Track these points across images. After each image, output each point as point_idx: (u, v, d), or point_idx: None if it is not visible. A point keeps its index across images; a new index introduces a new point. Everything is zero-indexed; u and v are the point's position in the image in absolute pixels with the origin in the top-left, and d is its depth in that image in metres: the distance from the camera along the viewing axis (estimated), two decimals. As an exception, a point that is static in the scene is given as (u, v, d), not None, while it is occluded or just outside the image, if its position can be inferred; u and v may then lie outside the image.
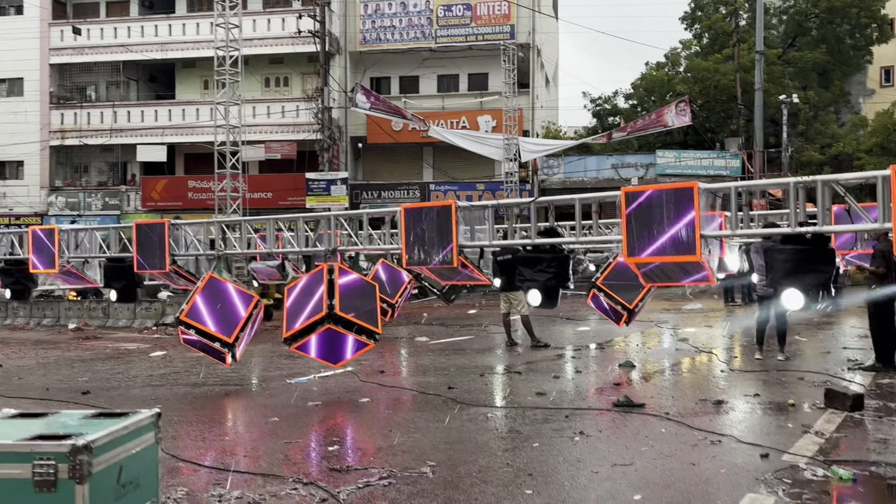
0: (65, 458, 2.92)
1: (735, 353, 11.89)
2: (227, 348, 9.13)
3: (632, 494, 5.08)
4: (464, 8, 31.84)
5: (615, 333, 13.84)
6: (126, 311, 19.41)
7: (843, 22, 38.52)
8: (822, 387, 8.23)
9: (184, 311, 9.14)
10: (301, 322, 8.30)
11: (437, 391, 8.77)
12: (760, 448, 6.02)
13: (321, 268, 8.48)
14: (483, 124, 31.47)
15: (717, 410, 7.58)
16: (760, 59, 27.74)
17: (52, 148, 33.95)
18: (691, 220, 6.52)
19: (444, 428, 7.02)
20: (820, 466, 5.55)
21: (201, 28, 31.99)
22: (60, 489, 2.92)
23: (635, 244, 6.77)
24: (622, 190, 6.82)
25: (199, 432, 7.21)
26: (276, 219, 9.17)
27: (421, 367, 11.23)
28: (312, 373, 10.14)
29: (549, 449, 6.24)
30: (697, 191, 6.48)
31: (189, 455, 6.31)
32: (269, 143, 31.06)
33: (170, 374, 10.85)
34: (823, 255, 6.14)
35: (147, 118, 33.16)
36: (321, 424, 7.49)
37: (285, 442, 6.69)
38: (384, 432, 6.96)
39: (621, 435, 6.71)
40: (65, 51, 33.60)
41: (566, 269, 7.51)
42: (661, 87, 37.39)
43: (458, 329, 16.18)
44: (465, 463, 5.87)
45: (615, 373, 10.05)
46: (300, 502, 5.06)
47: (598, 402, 8.14)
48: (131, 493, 3.24)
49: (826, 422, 6.95)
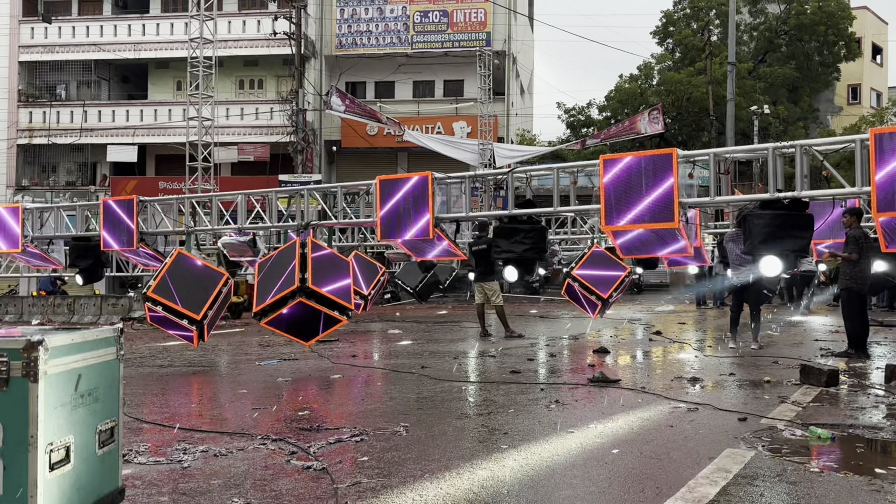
0: (18, 355, 2.74)
1: (708, 343, 11.88)
2: (195, 326, 8.91)
3: (609, 448, 4.97)
4: (440, 14, 31.92)
5: (589, 328, 13.79)
6: (92, 307, 19.00)
7: (811, 39, 39.30)
8: (797, 368, 8.20)
9: (151, 286, 8.90)
10: (272, 295, 8.10)
11: (410, 370, 8.61)
12: (738, 414, 5.96)
13: (294, 242, 8.31)
14: (458, 130, 31.48)
15: (692, 385, 7.51)
16: (732, 69, 28.10)
17: (20, 146, 33.30)
18: (670, 186, 6.48)
19: (418, 398, 6.87)
20: (798, 427, 5.50)
21: (175, 28, 31.70)
22: (13, 387, 2.73)
23: (613, 211, 6.72)
24: (601, 158, 6.77)
25: (164, 402, 6.98)
26: (247, 193, 8.98)
27: (394, 352, 11.06)
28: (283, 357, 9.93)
29: (525, 414, 6.12)
30: (676, 157, 6.45)
31: (154, 419, 6.10)
32: (242, 144, 30.78)
33: (135, 358, 10.57)
34: (802, 220, 6.13)
35: (118, 118, 32.69)
36: (291, 395, 7.29)
37: (253, 408, 6.50)
38: (356, 401, 6.80)
39: (597, 404, 6.60)
40: (35, 48, 33.07)
41: (543, 241, 7.43)
42: (635, 99, 37.76)
43: (431, 325, 16.02)
44: (439, 424, 5.73)
45: (589, 357, 9.96)
46: (268, 456, 4.87)
47: (573, 380, 8.03)
48: (90, 406, 3.05)
49: (802, 394, 6.91)
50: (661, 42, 42.01)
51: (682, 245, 6.89)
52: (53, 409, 2.82)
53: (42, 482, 2.73)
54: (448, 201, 8.19)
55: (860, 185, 5.70)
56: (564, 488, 4.17)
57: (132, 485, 4.16)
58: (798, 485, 4.15)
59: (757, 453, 4.80)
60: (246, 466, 4.61)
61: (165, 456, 4.86)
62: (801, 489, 4.07)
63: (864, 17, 43.27)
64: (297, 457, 4.79)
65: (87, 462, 3.03)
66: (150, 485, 4.25)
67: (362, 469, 4.50)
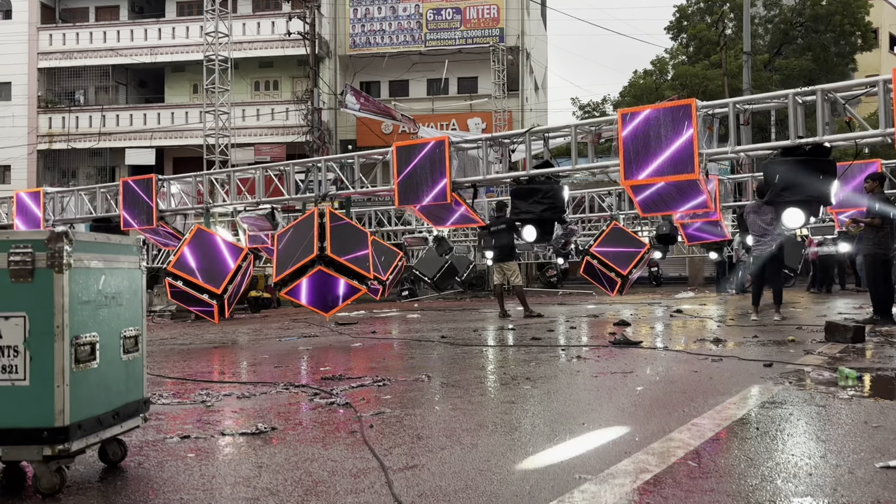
0: (42, 246, 2.74)
1: (730, 317, 11.76)
2: (215, 300, 8.94)
3: (634, 387, 4.93)
4: (453, 11, 31.98)
5: (608, 308, 13.71)
6: (112, 303, 19.14)
7: (827, 30, 38.97)
8: (822, 331, 8.10)
9: (171, 262, 8.96)
10: (292, 264, 8.12)
11: (430, 340, 8.59)
12: (764, 361, 5.88)
13: (312, 212, 8.33)
14: (473, 126, 31.47)
15: (716, 345, 7.43)
16: (748, 60, 27.91)
17: (40, 152, 33.67)
18: (689, 137, 6.43)
19: (439, 357, 6.85)
20: (826, 370, 5.42)
21: (191, 32, 31.96)
22: (38, 278, 2.74)
23: (632, 165, 6.67)
24: (618, 112, 6.73)
25: (187, 365, 7.01)
26: (265, 166, 9.00)
27: (414, 329, 11.05)
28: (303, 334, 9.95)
29: (548, 365, 6.08)
30: (695, 107, 6.40)
31: (176, 375, 6.12)
32: (258, 145, 30.95)
33: (156, 339, 10.62)
34: (823, 165, 6.05)
35: (136, 122, 32.98)
36: (312, 357, 7.29)
37: (275, 366, 6.51)
38: (377, 360, 6.78)
39: (620, 358, 6.54)
40: (53, 55, 33.45)
41: (561, 201, 7.39)
42: (650, 93, 37.59)
43: (451, 312, 15.99)
44: (461, 374, 5.70)
45: (610, 328, 9.88)
46: (291, 397, 4.87)
47: (595, 343, 7.97)
48: (114, 308, 3.06)
49: (829, 348, 6.81)
50: (674, 37, 41.83)
51: (702, 199, 6.83)
52: (78, 304, 2.82)
53: (68, 373, 2.73)
54: (464, 165, 8.17)
55: (883, 126, 5.62)
56: (590, 412, 4.13)
57: (156, 418, 4.17)
58: (827, 407, 4.08)
59: (784, 387, 4.74)
60: (269, 404, 4.61)
61: (189, 399, 4.88)
62: (830, 410, 4.00)
63: (881, 6, 42.92)
64: (321, 396, 4.78)
65: (112, 365, 3.03)
66: (174, 418, 4.26)
67: (385, 404, 4.48)
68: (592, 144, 7.27)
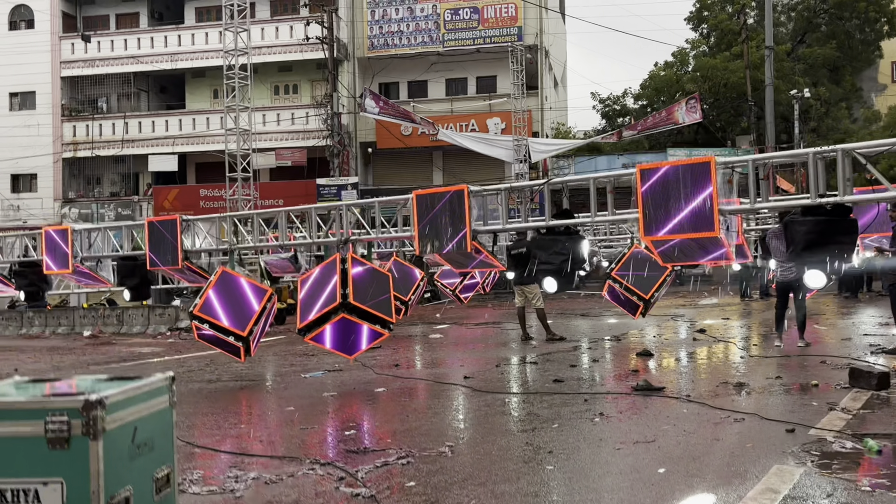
0: (78, 414, 2.85)
1: (753, 341, 11.73)
2: (241, 342, 9.08)
3: (656, 468, 4.97)
4: (471, 11, 31.87)
5: (631, 326, 13.71)
6: (140, 318, 19.45)
7: (851, 17, 38.34)
8: (845, 369, 8.07)
9: (197, 305, 9.10)
10: (315, 312, 8.23)
11: (453, 381, 8.67)
12: (786, 424, 5.89)
13: (334, 258, 8.42)
14: (492, 126, 31.44)
15: (738, 392, 7.44)
16: (770, 54, 27.59)
17: (65, 160, 34.17)
18: (709, 195, 6.42)
19: (462, 412, 6.93)
20: (848, 439, 5.42)
21: (210, 37, 32.18)
22: (74, 446, 2.85)
23: (652, 222, 6.67)
24: (637, 167, 6.73)
25: (214, 422, 7.14)
26: (287, 210, 9.12)
27: (436, 360, 11.14)
28: (327, 368, 10.07)
29: (570, 429, 6.13)
30: (714, 165, 6.39)
31: (205, 442, 6.24)
32: (279, 150, 31.17)
33: (184, 372, 10.80)
34: (845, 225, 6.02)
35: (158, 128, 33.33)
36: (337, 412, 7.41)
37: (301, 428, 6.61)
38: (401, 417, 6.87)
39: (642, 416, 6.59)
40: (76, 63, 33.85)
41: (581, 251, 7.41)
42: (670, 86, 37.29)
43: (472, 327, 16.07)
44: (483, 443, 5.77)
45: (632, 361, 9.91)
46: (318, 482, 4.97)
47: (617, 388, 8.01)
48: (146, 455, 3.17)
49: (852, 399, 6.80)
50: (695, 28, 41.36)
51: (723, 252, 6.83)
52: (112, 463, 2.93)
53: (105, 534, 2.84)
54: (485, 213, 8.21)
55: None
56: (611, 514, 4.19)
57: (188, 517, 4.29)
58: (849, 506, 4.10)
59: (806, 470, 4.75)
60: (296, 495, 4.71)
61: (218, 484, 4.99)
62: (852, 511, 4.03)
63: (907, -9, 41.98)
64: (346, 482, 4.87)
65: (145, 509, 3.14)
66: (205, 516, 4.37)
67: (409, 496, 4.56)
68: (612, 195, 7.28)
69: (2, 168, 34.02)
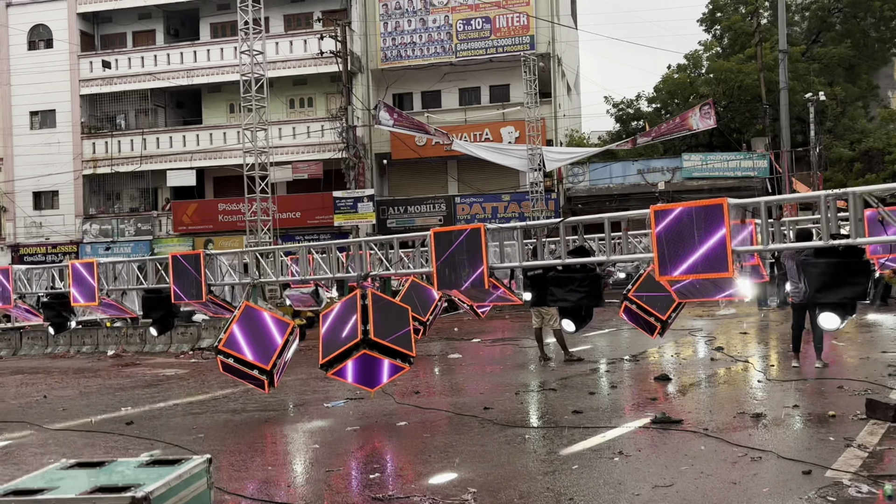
0: (126, 515, 3.03)
1: (771, 361, 11.78)
2: (265, 375, 9.26)
3: (674, 518, 5.10)
4: (483, 21, 31.99)
5: (649, 344, 13.79)
6: (162, 337, 19.72)
7: (866, 16, 38.12)
8: (863, 395, 8.16)
9: (222, 340, 9.31)
10: (337, 348, 8.40)
11: (472, 412, 8.82)
12: (802, 465, 5.99)
13: (354, 294, 8.58)
14: (506, 135, 31.54)
15: (755, 424, 7.53)
16: (784, 57, 27.48)
17: (86, 177, 34.64)
18: (722, 237, 6.51)
19: (483, 451, 7.07)
20: (864, 482, 5.51)
21: (225, 53, 32.53)
22: (123, 544, 3.03)
23: (667, 263, 6.77)
24: (651, 208, 6.83)
25: (241, 462, 7.33)
26: (308, 246, 9.31)
27: (455, 386, 11.30)
28: (348, 395, 10.26)
29: (589, 471, 6.26)
30: (727, 207, 6.48)
31: (233, 487, 6.42)
32: (295, 163, 31.43)
33: (209, 400, 11.03)
34: (858, 266, 6.11)
35: (175, 144, 33.71)
36: (360, 450, 7.58)
37: (326, 471, 6.79)
38: (423, 458, 7.03)
39: (660, 454, 6.70)
40: (94, 81, 34.31)
41: (598, 288, 7.54)
42: (684, 89, 37.22)
43: (490, 345, 16.21)
44: (505, 488, 5.91)
45: (651, 387, 10.02)
46: (345, 535, 5.14)
47: (636, 419, 8.12)
48: (187, 539, 3.35)
49: (869, 434, 6.88)
50: (708, 29, 41.27)
51: (737, 289, 6.93)
52: (158, 555, 3.11)
53: None
54: (500, 249, 8.34)
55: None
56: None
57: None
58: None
59: (822, 520, 4.86)
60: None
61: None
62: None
63: (923, -13, 41.63)
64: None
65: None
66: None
67: (435, 552, 4.72)
68: (626, 232, 7.39)
69: (24, 186, 34.56)
